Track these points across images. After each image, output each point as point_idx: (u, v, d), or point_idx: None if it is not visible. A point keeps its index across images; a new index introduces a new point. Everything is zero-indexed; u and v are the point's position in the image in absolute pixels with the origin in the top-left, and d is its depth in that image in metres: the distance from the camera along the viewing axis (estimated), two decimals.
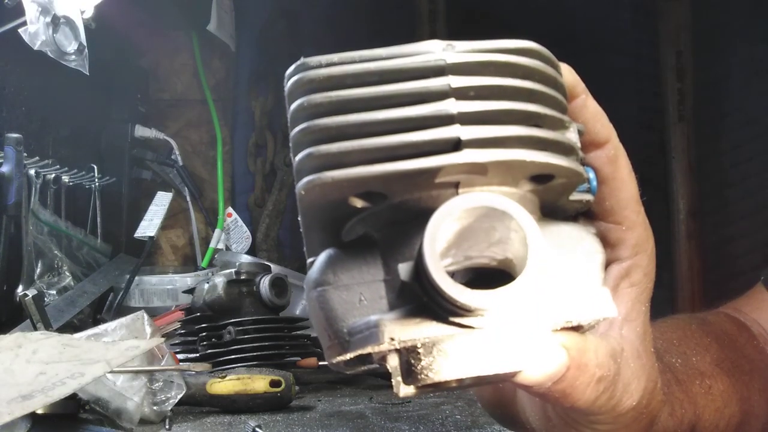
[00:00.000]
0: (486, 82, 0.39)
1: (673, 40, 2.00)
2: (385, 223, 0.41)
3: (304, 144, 0.40)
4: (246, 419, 1.04)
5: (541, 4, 1.99)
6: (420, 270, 0.37)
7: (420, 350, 0.38)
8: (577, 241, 0.43)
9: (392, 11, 2.15)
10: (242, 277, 1.37)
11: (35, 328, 1.24)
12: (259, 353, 1.30)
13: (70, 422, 0.95)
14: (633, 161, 0.48)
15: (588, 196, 0.46)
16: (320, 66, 0.39)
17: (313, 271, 0.42)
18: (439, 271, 0.36)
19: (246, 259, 1.94)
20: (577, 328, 0.44)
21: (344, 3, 2.11)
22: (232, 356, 1.31)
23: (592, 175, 0.46)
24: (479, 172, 0.39)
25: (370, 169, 0.38)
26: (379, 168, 0.38)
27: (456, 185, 0.39)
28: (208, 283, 1.38)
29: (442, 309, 0.38)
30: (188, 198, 2.12)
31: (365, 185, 0.39)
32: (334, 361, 0.42)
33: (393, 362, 0.40)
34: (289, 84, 0.41)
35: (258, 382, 1.11)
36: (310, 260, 0.44)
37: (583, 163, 0.46)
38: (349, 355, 0.40)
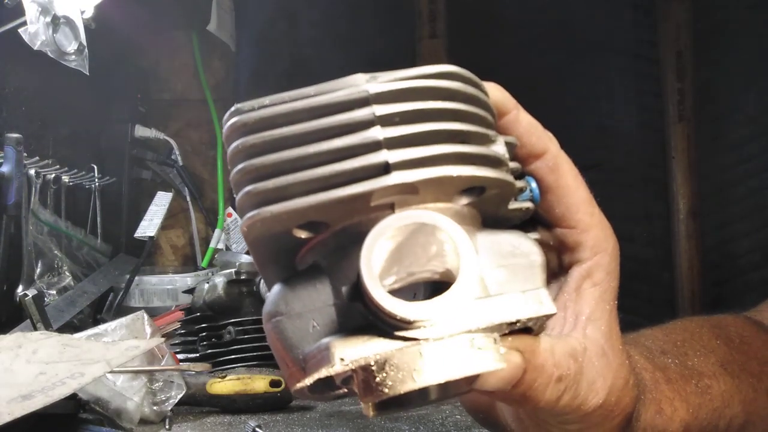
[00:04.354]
0: (408, 107, 0.41)
1: (673, 40, 2.00)
2: (330, 249, 0.42)
3: (243, 183, 0.42)
4: (246, 419, 1.04)
5: (541, 4, 1.99)
6: (361, 289, 0.39)
7: (373, 367, 0.40)
8: (515, 246, 0.44)
9: (392, 11, 2.14)
10: (242, 277, 1.37)
11: (35, 328, 1.24)
12: (259, 353, 1.31)
13: (70, 422, 0.95)
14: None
15: (527, 204, 0.48)
16: (252, 109, 0.42)
17: (267, 304, 0.43)
18: (376, 288, 0.37)
19: (246, 259, 1.93)
20: (527, 331, 0.45)
21: (344, 3, 2.11)
22: (232, 356, 1.31)
23: (534, 184, 0.49)
24: (410, 191, 0.40)
25: (307, 200, 0.40)
26: (314, 198, 0.39)
27: (391, 206, 0.41)
28: (208, 283, 1.38)
29: (386, 325, 0.39)
30: (188, 198, 2.12)
31: (305, 216, 0.41)
32: (296, 388, 0.43)
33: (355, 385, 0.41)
34: (224, 129, 0.43)
35: (258, 382, 1.11)
36: (266, 293, 0.45)
37: (524, 173, 0.49)
38: (307, 381, 0.41)
